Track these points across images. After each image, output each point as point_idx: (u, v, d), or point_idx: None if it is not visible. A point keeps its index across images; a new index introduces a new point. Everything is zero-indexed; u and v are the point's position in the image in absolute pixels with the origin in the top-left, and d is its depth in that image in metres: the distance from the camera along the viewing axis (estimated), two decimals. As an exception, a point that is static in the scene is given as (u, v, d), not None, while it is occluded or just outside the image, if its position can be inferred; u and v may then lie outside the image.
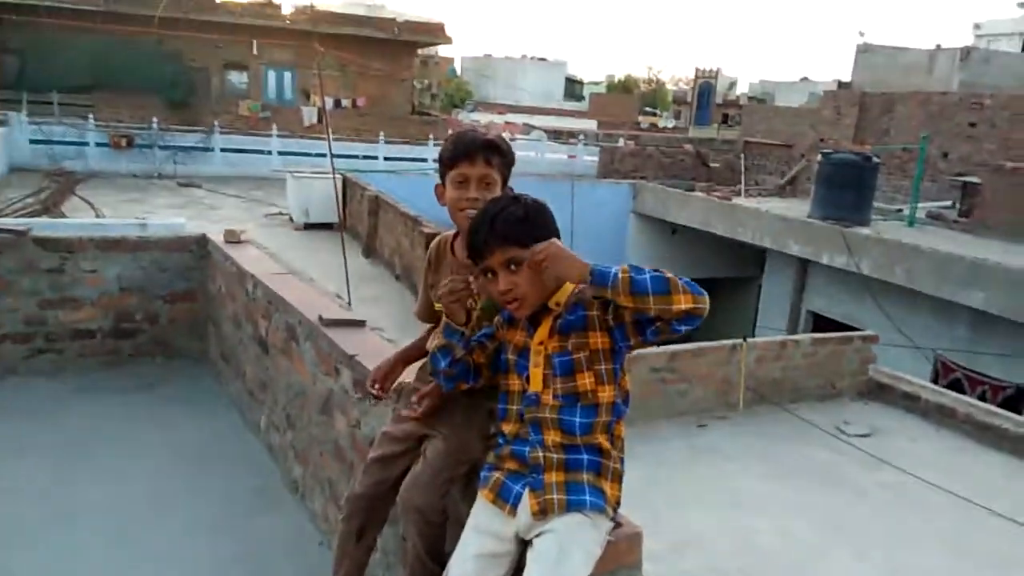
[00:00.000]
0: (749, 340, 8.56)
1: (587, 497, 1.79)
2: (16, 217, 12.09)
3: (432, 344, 2.06)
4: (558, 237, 1.86)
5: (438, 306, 2.24)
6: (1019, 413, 8.80)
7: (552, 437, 1.84)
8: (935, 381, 11.59)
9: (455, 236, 2.28)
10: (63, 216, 13.38)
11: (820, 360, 8.73)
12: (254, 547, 3.30)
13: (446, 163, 2.17)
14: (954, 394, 8.95)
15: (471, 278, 1.98)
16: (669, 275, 1.70)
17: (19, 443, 4.05)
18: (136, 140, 20.81)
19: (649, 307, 1.69)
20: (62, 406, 4.54)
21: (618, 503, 1.87)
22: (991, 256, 12.42)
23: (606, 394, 1.85)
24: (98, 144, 20.59)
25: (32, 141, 19.88)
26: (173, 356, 5.30)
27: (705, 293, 1.70)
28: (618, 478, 1.87)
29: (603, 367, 1.85)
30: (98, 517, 3.46)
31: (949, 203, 18.37)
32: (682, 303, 1.67)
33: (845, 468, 7.18)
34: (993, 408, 8.58)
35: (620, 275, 1.70)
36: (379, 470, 2.24)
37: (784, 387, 8.50)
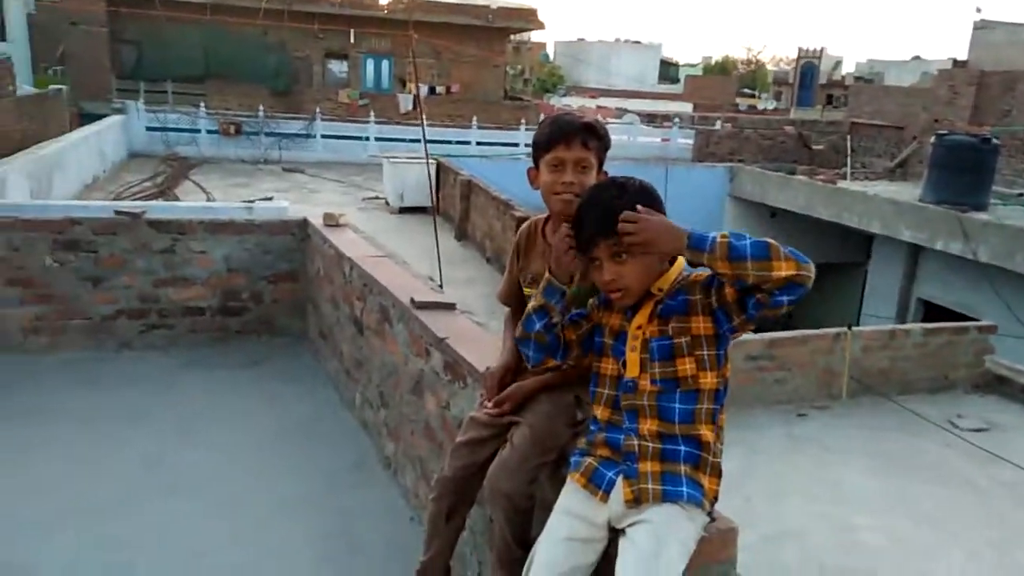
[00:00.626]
0: (854, 328, 8.21)
1: (684, 489, 1.73)
2: (134, 200, 12.82)
3: (530, 305, 1.96)
4: None
5: (528, 290, 2.22)
6: None
7: (648, 426, 1.79)
8: (1059, 376, 10.81)
9: (546, 220, 2.25)
10: (177, 199, 14.09)
11: (932, 350, 8.29)
12: (348, 521, 3.39)
13: (541, 147, 2.12)
14: (1081, 390, 8.33)
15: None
16: (770, 241, 1.63)
17: (133, 413, 4.29)
18: (244, 127, 21.67)
19: (747, 274, 1.62)
20: (173, 379, 4.77)
21: (716, 498, 1.80)
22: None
23: (708, 380, 1.79)
24: (209, 131, 21.57)
25: (148, 128, 21.01)
26: (276, 334, 5.50)
27: (810, 261, 1.62)
28: (717, 472, 1.80)
29: (706, 353, 1.78)
30: (201, 486, 3.61)
31: (1078, 186, 17.07)
32: (783, 270, 1.60)
33: (957, 464, 6.80)
34: (1125, 406, 7.94)
35: (718, 240, 1.65)
36: (467, 454, 2.25)
37: (892, 378, 8.11)
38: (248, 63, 24.96)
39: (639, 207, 1.77)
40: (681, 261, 1.88)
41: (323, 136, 22.56)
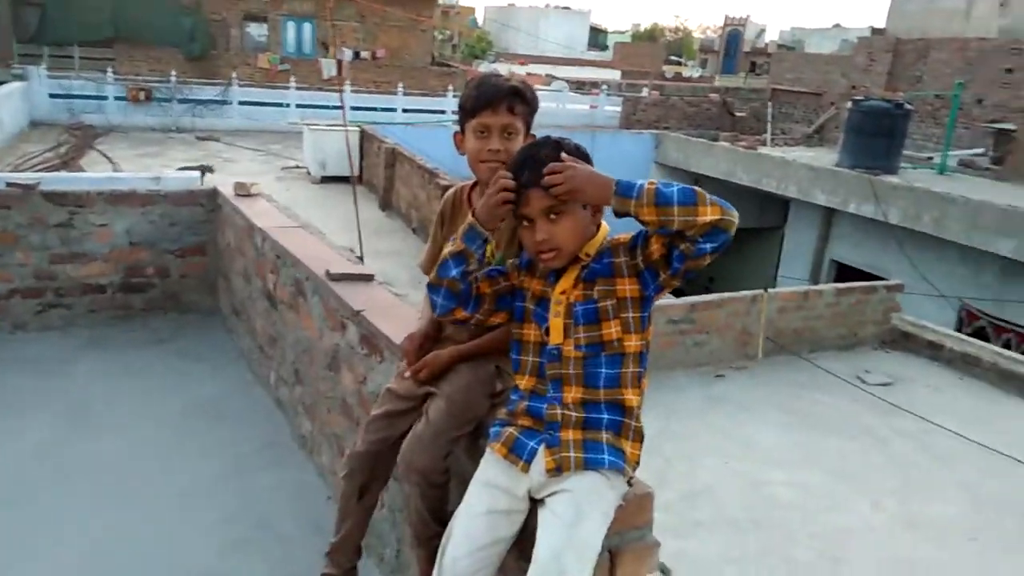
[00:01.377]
0: (771, 291, 8.44)
1: (605, 456, 1.71)
2: (34, 172, 12.15)
3: (446, 250, 1.88)
4: None
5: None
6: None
7: (573, 394, 1.77)
8: (959, 329, 11.43)
9: (472, 186, 2.19)
10: (81, 170, 13.41)
11: (843, 310, 8.61)
12: (261, 502, 3.29)
13: (467, 111, 2.06)
14: (979, 342, 8.81)
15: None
16: (696, 188, 1.64)
17: (27, 398, 4.04)
18: (154, 94, 20.72)
19: (673, 220, 1.62)
20: (72, 361, 4.52)
21: (638, 462, 1.80)
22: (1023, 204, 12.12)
23: (632, 343, 1.77)
24: (117, 98, 20.53)
25: (52, 95, 19.85)
26: (184, 311, 5.28)
27: (734, 209, 1.63)
28: (640, 437, 1.79)
29: (631, 315, 1.77)
30: (101, 474, 3.42)
31: (981, 151, 17.89)
32: (708, 214, 1.60)
33: (864, 417, 7.11)
34: (1018, 356, 8.42)
35: (646, 186, 1.65)
36: (383, 427, 2.19)
37: (804, 337, 8.40)
38: (160, 26, 23.78)
39: (565, 156, 1.76)
40: (606, 227, 1.87)
41: (240, 103, 21.75)
